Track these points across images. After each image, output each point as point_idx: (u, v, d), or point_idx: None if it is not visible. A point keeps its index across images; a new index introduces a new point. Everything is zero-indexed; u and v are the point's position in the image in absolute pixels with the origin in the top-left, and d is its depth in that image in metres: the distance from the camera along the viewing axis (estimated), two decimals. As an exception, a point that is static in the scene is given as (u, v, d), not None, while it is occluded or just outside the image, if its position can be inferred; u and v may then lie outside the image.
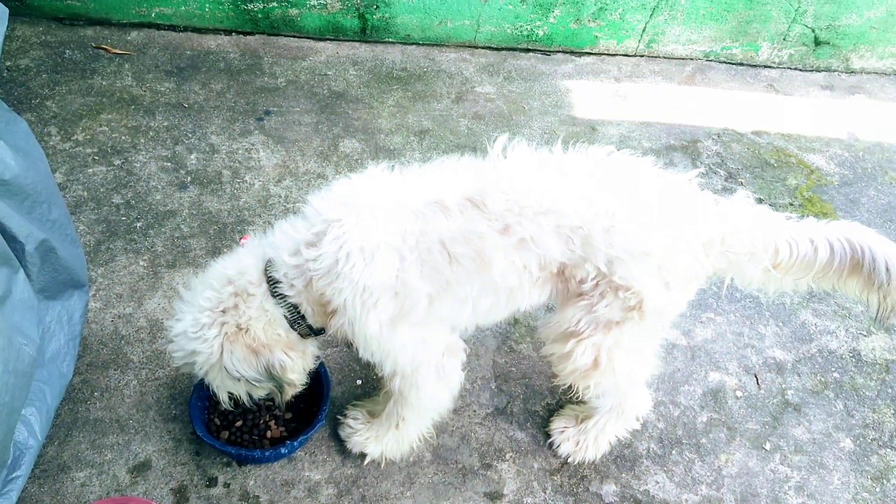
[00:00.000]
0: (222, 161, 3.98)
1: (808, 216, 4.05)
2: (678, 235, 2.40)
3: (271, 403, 3.03)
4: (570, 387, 2.94)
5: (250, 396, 2.64)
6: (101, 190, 3.76)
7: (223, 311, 2.41)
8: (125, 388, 3.05)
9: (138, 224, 3.64)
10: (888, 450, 3.19)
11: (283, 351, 2.48)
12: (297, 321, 2.49)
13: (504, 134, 2.49)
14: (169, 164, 3.94)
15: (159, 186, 3.82)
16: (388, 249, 2.29)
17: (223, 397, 2.61)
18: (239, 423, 2.94)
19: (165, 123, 4.14)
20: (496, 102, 4.60)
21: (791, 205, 4.14)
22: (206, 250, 3.56)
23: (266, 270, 2.44)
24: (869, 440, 3.22)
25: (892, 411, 3.31)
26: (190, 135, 4.10)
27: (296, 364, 2.55)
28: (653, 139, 4.50)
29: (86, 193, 3.74)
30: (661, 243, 2.36)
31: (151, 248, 3.55)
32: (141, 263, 3.49)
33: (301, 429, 2.96)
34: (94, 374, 3.06)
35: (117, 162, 3.90)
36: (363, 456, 2.94)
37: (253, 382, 2.46)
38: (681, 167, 4.32)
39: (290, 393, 2.59)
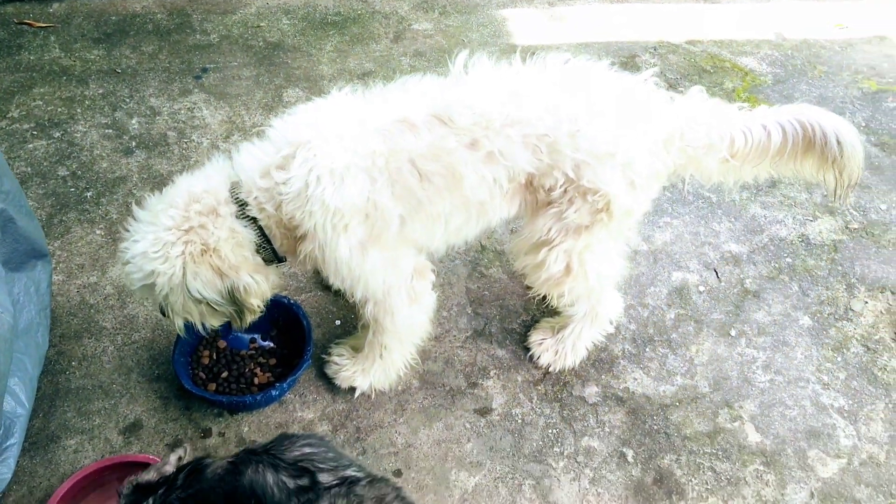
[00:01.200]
0: (165, 123, 3.89)
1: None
2: (640, 135, 2.46)
3: (254, 352, 3.04)
4: (544, 298, 3.02)
5: (203, 326, 2.55)
6: (45, 164, 3.65)
7: (187, 230, 2.31)
8: (102, 354, 3.01)
9: (88, 194, 3.56)
10: (844, 322, 3.37)
11: (248, 273, 2.41)
12: (264, 245, 2.45)
13: (465, 50, 2.48)
14: (110, 130, 3.83)
15: (104, 154, 3.72)
16: (357, 171, 2.28)
17: (178, 324, 2.53)
18: (225, 375, 2.94)
19: (101, 91, 4.02)
20: (435, 38, 4.58)
21: (730, 107, 4.27)
22: (163, 212, 3.50)
23: (232, 191, 2.38)
24: (825, 315, 3.39)
25: (844, 287, 3.49)
26: (128, 100, 3.99)
27: (260, 287, 2.47)
28: (593, 58, 4.54)
29: (29, 169, 3.62)
30: (624, 144, 2.42)
31: (106, 216, 3.48)
32: (97, 232, 3.42)
33: (286, 374, 2.97)
34: (69, 345, 3.02)
35: (57, 134, 3.78)
36: (353, 390, 2.98)
37: (213, 305, 2.39)
38: (621, 83, 4.39)
39: (248, 319, 2.51)
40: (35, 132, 3.79)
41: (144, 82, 4.09)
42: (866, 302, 3.45)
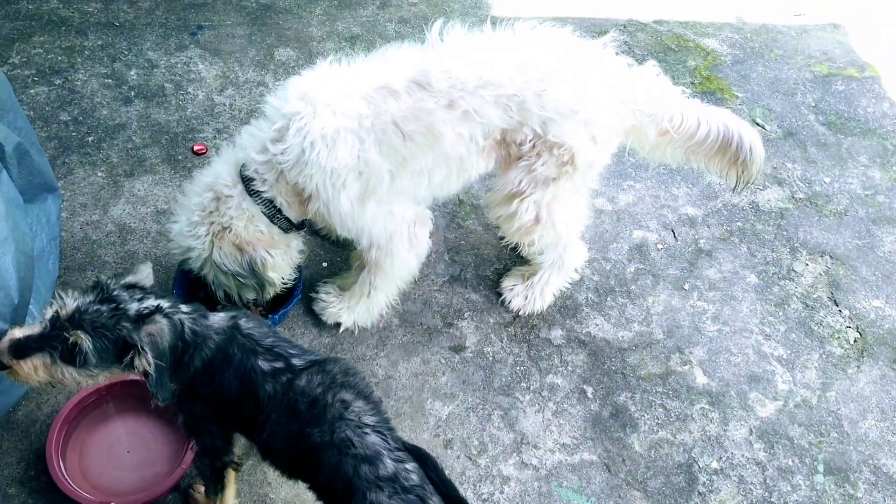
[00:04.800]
0: (163, 75, 3.98)
1: (707, 92, 4.40)
2: (600, 94, 2.66)
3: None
4: (515, 247, 3.22)
5: (240, 297, 2.84)
6: (47, 109, 3.71)
7: (209, 213, 2.63)
8: (104, 286, 3.13)
9: (90, 138, 3.64)
10: (786, 281, 3.61)
11: (265, 249, 2.69)
12: (276, 215, 2.67)
13: (441, 19, 2.65)
14: (110, 80, 3.90)
15: (104, 102, 3.80)
16: (347, 134, 2.46)
17: (220, 294, 2.83)
18: (220, 307, 3.08)
19: (100, 42, 4.08)
20: (419, 6, 4.70)
21: (692, 83, 4.46)
22: (161, 159, 3.60)
23: (241, 172, 2.61)
24: (770, 274, 3.63)
25: (788, 250, 3.73)
26: (126, 52, 4.06)
27: (276, 263, 2.76)
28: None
29: (32, 113, 3.68)
30: (586, 102, 2.62)
31: (107, 160, 3.57)
32: (99, 174, 3.51)
33: (278, 308, 3.12)
34: (73, 276, 3.13)
35: (58, 82, 3.85)
36: (338, 325, 3.14)
37: (239, 278, 2.68)
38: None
39: (270, 292, 2.83)
40: (36, 78, 3.84)
41: (142, 36, 4.15)
42: (807, 264, 3.70)
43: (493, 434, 3.00)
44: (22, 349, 1.98)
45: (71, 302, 1.98)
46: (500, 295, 3.35)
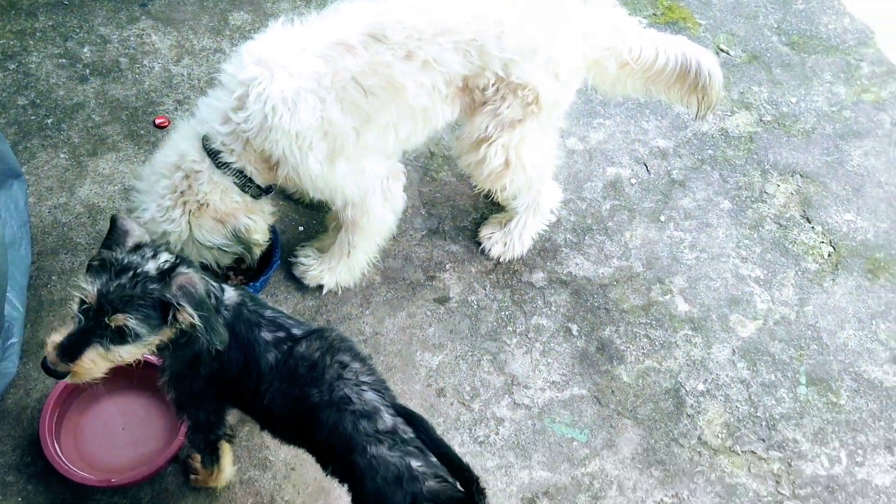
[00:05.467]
0: (116, 50, 3.87)
1: (670, 22, 4.36)
2: (559, 31, 2.64)
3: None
4: (489, 193, 3.21)
5: (218, 264, 2.81)
6: (4, 94, 3.61)
7: (181, 194, 2.56)
8: (80, 268, 3.08)
9: (49, 121, 3.55)
10: (759, 203, 3.64)
11: (245, 215, 2.66)
12: (247, 184, 2.63)
13: None
14: (64, 60, 3.79)
15: (60, 82, 3.70)
16: (307, 94, 2.42)
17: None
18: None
19: (50, 23, 3.95)
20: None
21: (654, 14, 4.42)
22: (122, 135, 3.53)
23: (204, 146, 2.55)
24: (743, 198, 3.66)
25: (759, 173, 3.75)
26: (77, 30, 3.94)
27: (258, 224, 2.73)
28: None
29: (-13, 100, 3.60)
30: (545, 41, 2.60)
31: (68, 140, 3.50)
32: (62, 156, 3.44)
33: (258, 276, 3.11)
34: (47, 261, 3.09)
35: (12, 66, 3.73)
36: (320, 288, 3.14)
37: (224, 249, 2.65)
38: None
39: (257, 252, 2.79)
40: (-12, 65, 3.74)
41: (92, 12, 4.03)
42: (778, 185, 3.73)
43: (483, 379, 3.03)
44: (71, 350, 1.95)
45: (91, 288, 1.92)
46: (479, 244, 3.35)
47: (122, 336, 1.95)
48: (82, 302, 1.95)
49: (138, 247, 2.03)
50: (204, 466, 2.54)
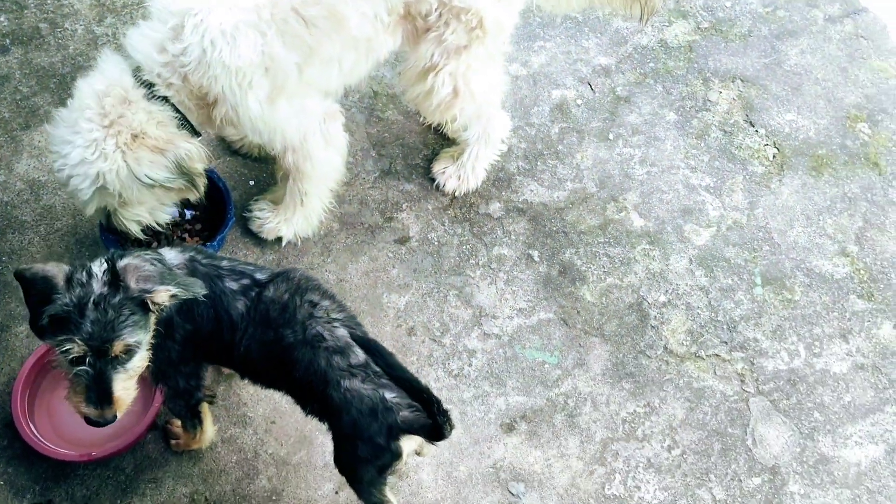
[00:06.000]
0: (35, 15, 3.67)
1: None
2: None
3: (179, 220, 3.10)
4: (438, 126, 3.19)
5: (158, 225, 2.70)
6: (-81, 74, 3.44)
7: (109, 125, 2.34)
8: (30, 246, 3.01)
9: (-27, 98, 3.40)
10: (703, 112, 3.68)
11: (185, 141, 2.47)
12: (182, 121, 2.50)
13: None
14: (-21, 31, 3.61)
15: (-21, 56, 3.53)
16: (247, 28, 2.32)
17: (134, 228, 2.63)
18: (155, 245, 3.00)
19: (-43, -8, 3.74)
20: None
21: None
22: (54, 104, 3.37)
23: (136, 76, 2.39)
24: (688, 108, 3.69)
25: (700, 81, 3.78)
26: (-12, -3, 3.74)
27: (200, 152, 2.53)
28: None
29: None
30: None
31: (-2, 116, 3.36)
32: (-7, 134, 3.31)
33: (213, 236, 3.06)
34: (-7, 242, 3.01)
35: (-78, 42, 3.54)
36: (279, 240, 3.11)
37: (166, 185, 2.47)
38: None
39: (201, 185, 2.60)
40: None
41: (0, -24, 3.81)
42: (720, 92, 3.76)
43: (452, 313, 3.07)
44: (102, 397, 1.99)
45: (72, 343, 1.90)
46: (433, 180, 3.33)
47: (128, 353, 1.98)
48: (74, 358, 1.93)
49: (69, 280, 1.94)
50: (186, 430, 2.55)
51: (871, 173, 3.59)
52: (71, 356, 1.92)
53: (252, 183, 3.30)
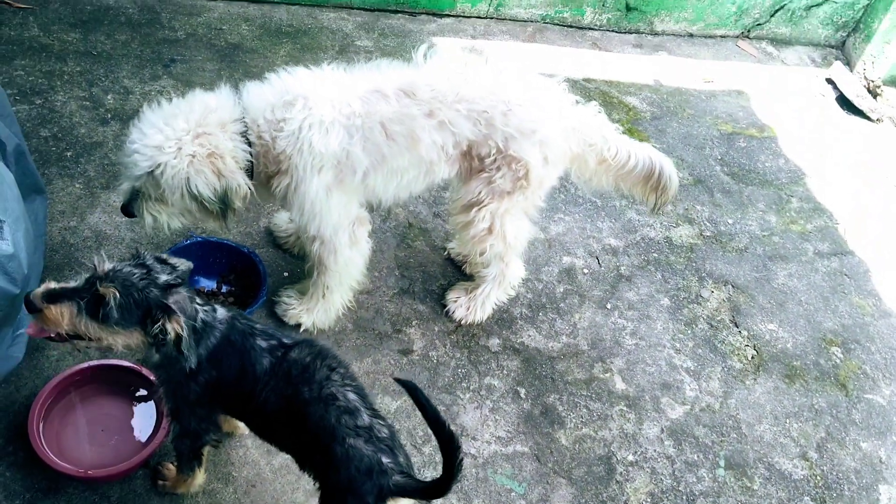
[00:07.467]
0: (138, 101, 4.25)
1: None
2: (554, 120, 3.09)
3: (215, 291, 3.44)
4: (461, 264, 3.59)
5: (168, 226, 2.88)
6: (28, 125, 3.94)
7: (199, 135, 2.66)
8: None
9: (68, 154, 3.87)
10: (695, 304, 4.07)
11: (242, 178, 2.80)
12: (249, 170, 2.85)
13: (424, 44, 3.07)
14: (88, 103, 4.16)
15: (82, 122, 4.05)
16: (339, 126, 2.80)
17: (149, 221, 2.83)
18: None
19: (78, 69, 4.34)
20: (374, 54, 5.12)
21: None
22: (135, 174, 3.86)
23: (240, 117, 2.79)
24: (681, 298, 4.09)
25: (696, 279, 4.21)
26: (103, 78, 4.33)
27: (247, 191, 2.84)
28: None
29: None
30: (542, 125, 3.05)
31: (84, 173, 3.81)
32: (77, 186, 3.74)
33: (246, 307, 3.38)
34: (52, 276, 3.31)
35: (38, 101, 4.08)
36: (298, 326, 3.42)
37: (205, 204, 2.75)
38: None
39: (231, 219, 2.90)
40: (17, 97, 4.07)
41: (118, 65, 4.43)
42: (712, 291, 4.18)
43: (436, 426, 3.29)
44: (54, 296, 2.16)
45: (108, 264, 2.18)
46: (444, 306, 3.69)
47: (97, 309, 2.14)
48: (93, 271, 2.19)
49: (163, 261, 2.30)
50: (179, 472, 2.72)
51: (838, 393, 3.89)
52: (93, 270, 2.17)
53: (286, 274, 3.67)
